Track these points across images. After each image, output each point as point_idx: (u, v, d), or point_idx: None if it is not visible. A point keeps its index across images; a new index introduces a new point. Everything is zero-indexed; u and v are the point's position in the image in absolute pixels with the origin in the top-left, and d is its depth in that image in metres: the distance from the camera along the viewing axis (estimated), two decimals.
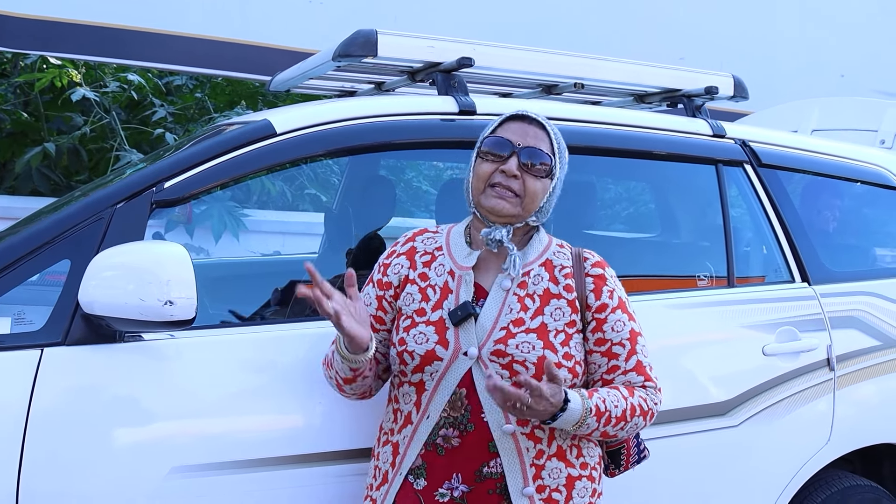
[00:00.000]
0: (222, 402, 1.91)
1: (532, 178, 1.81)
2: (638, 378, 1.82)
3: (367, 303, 1.89)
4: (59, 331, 1.81)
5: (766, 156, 2.73)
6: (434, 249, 1.90)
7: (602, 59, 2.63)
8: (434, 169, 8.25)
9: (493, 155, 1.82)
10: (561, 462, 1.78)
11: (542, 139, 1.84)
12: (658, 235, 3.31)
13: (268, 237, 5.98)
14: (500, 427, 1.74)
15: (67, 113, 6.29)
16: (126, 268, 1.73)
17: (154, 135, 6.13)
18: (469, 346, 1.76)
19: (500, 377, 1.72)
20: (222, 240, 5.08)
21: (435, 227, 1.98)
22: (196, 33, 5.23)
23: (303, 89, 3.18)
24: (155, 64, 5.42)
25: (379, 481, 1.84)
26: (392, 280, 1.89)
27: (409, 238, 1.95)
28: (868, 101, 3.82)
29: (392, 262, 1.92)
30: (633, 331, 1.85)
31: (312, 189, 7.13)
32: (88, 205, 1.92)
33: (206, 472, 1.84)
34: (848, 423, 2.62)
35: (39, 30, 4.98)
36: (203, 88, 7.03)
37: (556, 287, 1.83)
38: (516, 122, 1.86)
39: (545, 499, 1.75)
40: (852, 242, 3.11)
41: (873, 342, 2.69)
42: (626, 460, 1.96)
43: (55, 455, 1.76)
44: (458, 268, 1.85)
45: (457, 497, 1.75)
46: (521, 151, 1.81)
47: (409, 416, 1.80)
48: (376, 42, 2.32)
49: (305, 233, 6.10)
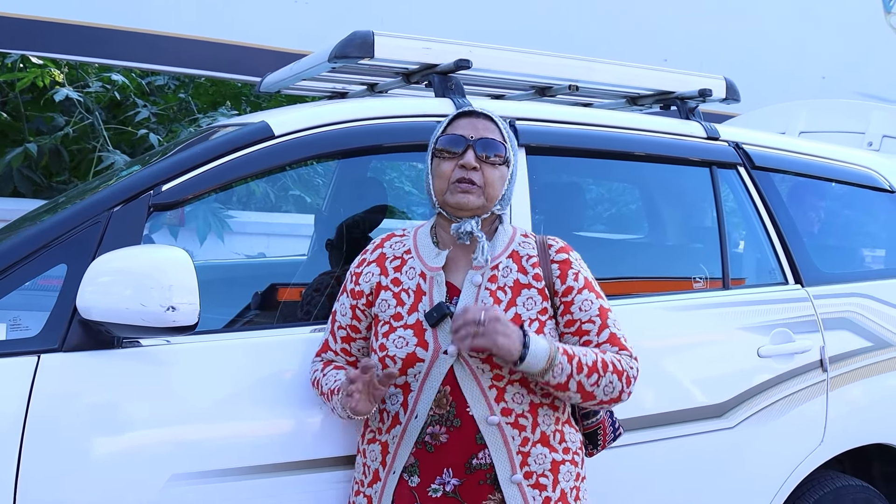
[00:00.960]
0: (222, 408, 1.89)
1: (490, 167, 1.87)
2: (612, 349, 1.84)
3: (343, 313, 1.94)
4: (55, 337, 1.77)
5: (759, 158, 2.75)
6: (403, 253, 1.94)
7: (597, 62, 2.64)
8: (414, 170, 8.25)
9: (449, 152, 1.88)
10: (545, 448, 1.82)
11: (492, 130, 1.90)
12: (654, 238, 3.31)
13: (252, 239, 5.94)
14: (486, 419, 1.78)
15: (49, 113, 6.21)
16: (126, 273, 1.69)
17: (137, 135, 6.06)
18: (448, 345, 1.80)
19: (482, 371, 1.78)
20: (206, 242, 5.04)
21: (401, 231, 2.01)
22: (180, 33, 5.18)
23: (292, 90, 3.16)
24: (139, 64, 5.35)
25: (370, 479, 1.86)
26: (364, 288, 1.92)
27: (378, 245, 1.98)
28: (855, 103, 3.85)
29: (363, 271, 1.94)
30: (602, 307, 1.87)
31: (296, 190, 7.09)
32: (85, 208, 1.88)
33: (207, 479, 1.82)
34: (840, 423, 2.64)
35: (21, 29, 4.90)
36: (186, 89, 6.97)
37: (526, 277, 1.87)
38: (465, 119, 1.92)
39: (533, 484, 1.79)
40: (843, 244, 3.13)
41: (865, 343, 2.71)
42: (603, 439, 2.01)
43: (53, 463, 1.73)
44: (429, 269, 1.89)
45: (449, 491, 1.78)
46: (476, 143, 1.87)
47: (397, 417, 1.83)
48: (373, 43, 2.31)
49: (290, 234, 6.08)
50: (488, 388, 1.79)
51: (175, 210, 3.39)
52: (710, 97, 2.76)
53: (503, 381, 1.80)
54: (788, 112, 3.76)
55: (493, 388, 1.79)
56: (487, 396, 1.78)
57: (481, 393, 1.78)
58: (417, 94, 2.79)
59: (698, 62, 5.41)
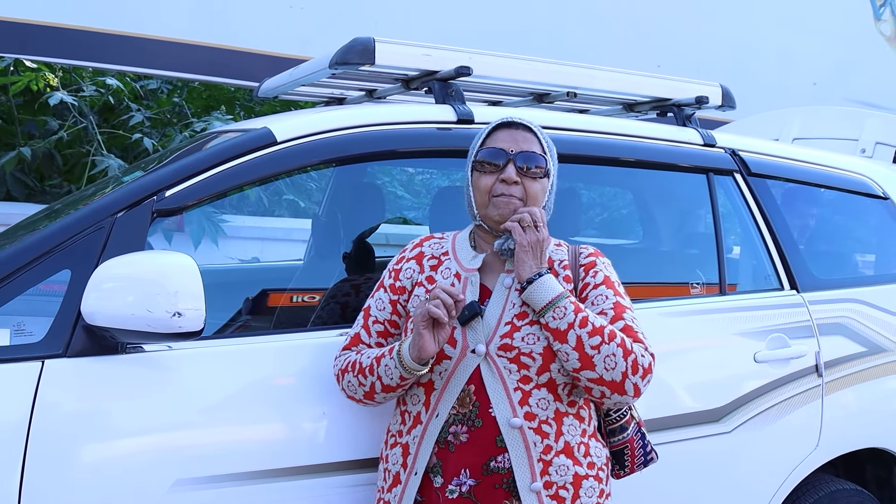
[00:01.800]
0: (226, 413, 1.89)
1: (531, 180, 1.87)
2: (628, 339, 1.78)
3: (381, 308, 1.93)
4: (60, 342, 1.77)
5: (756, 165, 2.77)
6: (441, 254, 1.95)
7: (596, 69, 2.66)
8: (405, 174, 8.26)
9: (490, 165, 1.88)
10: (569, 459, 1.79)
11: (532, 142, 1.90)
12: (652, 244, 3.34)
13: (246, 243, 5.93)
14: (508, 421, 1.77)
15: (42, 117, 6.19)
16: (132, 279, 1.70)
17: (131, 139, 6.05)
18: (477, 344, 1.80)
19: (509, 371, 1.79)
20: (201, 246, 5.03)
21: (440, 234, 2.03)
22: (175, 37, 5.19)
23: (290, 96, 3.16)
24: (133, 68, 5.35)
25: (390, 483, 1.86)
26: (405, 284, 1.93)
27: (417, 244, 2.00)
28: (848, 110, 3.89)
29: (403, 267, 1.95)
30: (619, 303, 1.85)
31: (290, 195, 7.09)
32: (88, 214, 1.89)
33: (211, 484, 1.82)
34: (835, 428, 2.67)
35: (15, 32, 4.90)
36: (180, 93, 6.96)
37: (556, 279, 1.87)
38: (504, 130, 1.92)
39: (552, 495, 1.77)
40: (837, 250, 3.16)
41: (859, 348, 2.74)
42: (631, 461, 1.98)
43: (58, 469, 1.73)
44: (464, 270, 1.90)
45: (465, 492, 1.78)
46: (517, 157, 1.87)
47: (419, 417, 1.83)
48: (374, 50, 2.32)
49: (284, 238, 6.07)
50: (513, 390, 1.78)
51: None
52: (706, 104, 2.78)
53: (530, 384, 1.79)
54: (782, 119, 3.79)
55: (518, 391, 1.78)
56: (512, 398, 1.78)
57: (506, 394, 1.78)
58: (416, 99, 2.81)
59: (692, 69, 5.45)
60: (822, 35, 6.61)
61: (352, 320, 2.00)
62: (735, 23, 6.44)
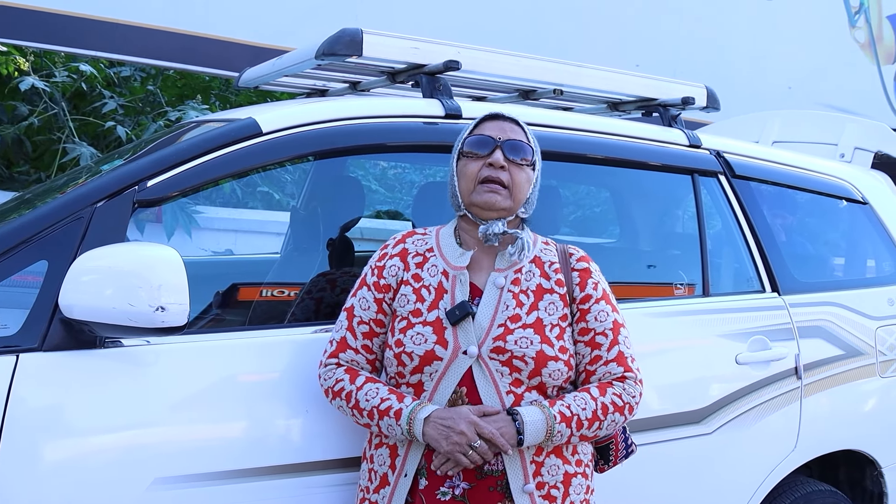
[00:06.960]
0: (207, 410, 1.85)
1: (517, 168, 1.88)
2: (618, 369, 1.86)
3: (365, 307, 1.89)
4: (35, 336, 1.72)
5: (740, 167, 2.78)
6: (425, 251, 1.92)
7: (583, 67, 2.65)
8: (378, 167, 8.22)
9: (478, 152, 1.87)
10: (559, 459, 1.81)
11: (518, 133, 1.92)
12: (634, 244, 3.33)
13: (219, 235, 5.86)
14: None
15: (12, 102, 6.06)
16: (113, 271, 1.65)
17: (103, 127, 5.94)
18: (468, 345, 1.79)
19: (500, 374, 1.78)
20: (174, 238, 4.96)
21: (422, 230, 1.99)
22: (152, 24, 5.09)
23: (270, 86, 3.11)
24: (107, 54, 5.24)
25: (377, 484, 1.83)
26: (390, 282, 1.89)
27: (399, 240, 1.96)
28: (828, 115, 3.92)
29: (387, 265, 1.91)
30: (616, 322, 1.90)
31: (264, 187, 7.01)
32: (67, 203, 1.83)
33: (191, 483, 1.78)
34: (813, 430, 2.68)
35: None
36: (154, 81, 6.85)
37: (548, 282, 1.88)
38: (491, 122, 1.93)
39: (544, 495, 1.78)
40: (818, 253, 3.18)
41: (837, 351, 2.76)
42: (615, 455, 2.00)
43: (32, 466, 1.68)
44: (452, 268, 1.87)
45: (458, 495, 1.77)
46: (504, 144, 1.88)
47: None
48: (362, 42, 2.29)
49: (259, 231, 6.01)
50: (506, 393, 1.78)
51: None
52: (692, 105, 2.78)
53: (521, 387, 1.79)
54: (762, 121, 3.81)
55: (510, 394, 1.78)
56: (504, 401, 1.77)
57: (498, 397, 1.77)
58: (402, 93, 2.77)
59: (669, 69, 5.47)
60: (797, 40, 6.68)
61: (334, 316, 1.96)
62: (712, 25, 6.49)
